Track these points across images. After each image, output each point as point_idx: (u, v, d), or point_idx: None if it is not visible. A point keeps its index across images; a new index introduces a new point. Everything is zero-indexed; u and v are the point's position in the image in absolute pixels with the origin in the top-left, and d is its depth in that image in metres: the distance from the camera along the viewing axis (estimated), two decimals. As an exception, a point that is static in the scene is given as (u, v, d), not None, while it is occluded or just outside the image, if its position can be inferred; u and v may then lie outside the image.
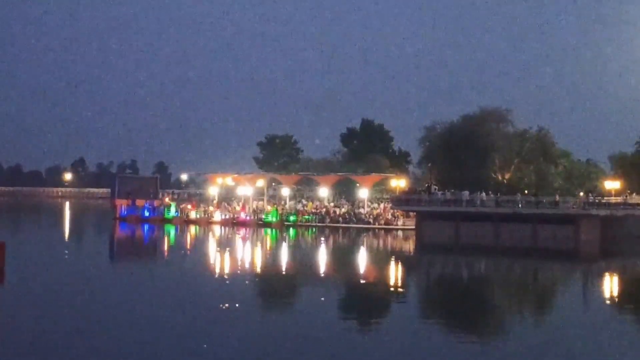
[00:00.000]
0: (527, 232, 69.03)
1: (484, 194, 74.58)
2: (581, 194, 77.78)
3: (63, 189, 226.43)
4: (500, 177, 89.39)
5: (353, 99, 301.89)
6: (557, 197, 72.11)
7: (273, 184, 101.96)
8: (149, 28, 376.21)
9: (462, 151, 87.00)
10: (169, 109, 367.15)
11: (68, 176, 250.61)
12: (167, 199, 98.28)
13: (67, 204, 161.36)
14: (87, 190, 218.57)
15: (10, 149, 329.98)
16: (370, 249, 63.38)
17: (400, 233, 77.33)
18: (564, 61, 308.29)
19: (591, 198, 71.95)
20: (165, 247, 64.04)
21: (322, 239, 70.12)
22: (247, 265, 48.13)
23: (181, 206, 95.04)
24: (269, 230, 78.82)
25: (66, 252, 55.89)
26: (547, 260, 58.82)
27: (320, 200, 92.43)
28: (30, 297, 32.33)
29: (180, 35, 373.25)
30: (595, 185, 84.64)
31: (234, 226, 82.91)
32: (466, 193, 75.37)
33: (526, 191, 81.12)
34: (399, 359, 22.91)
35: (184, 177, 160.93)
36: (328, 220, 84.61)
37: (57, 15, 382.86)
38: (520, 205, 71.82)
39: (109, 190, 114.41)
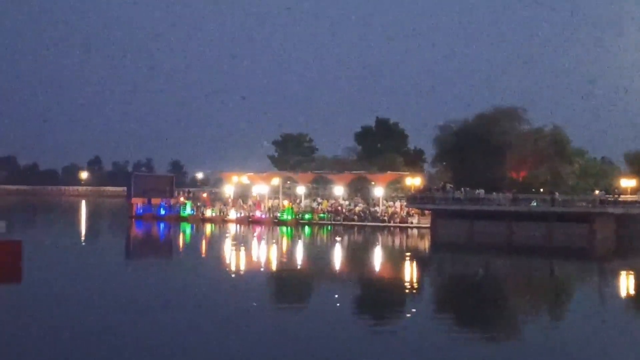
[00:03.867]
0: (542, 230, 69.11)
1: (501, 194, 74.60)
2: (596, 192, 77.71)
3: (79, 188, 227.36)
4: (515, 176, 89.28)
5: (368, 97, 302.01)
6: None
7: (288, 182, 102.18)
8: (163, 27, 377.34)
9: (476, 150, 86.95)
10: (184, 108, 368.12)
11: (84, 175, 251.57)
12: (181, 199, 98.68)
13: (83, 202, 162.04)
14: (103, 188, 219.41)
15: (26, 147, 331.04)
16: (385, 247, 63.52)
17: (415, 231, 77.47)
18: (579, 58, 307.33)
19: (606, 196, 71.87)
20: (181, 245, 64.38)
21: (337, 237, 70.31)
22: (262, 263, 48.41)
23: (198, 203, 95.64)
24: (284, 229, 79.09)
25: (83, 250, 56.34)
26: (561, 258, 58.79)
27: (335, 198, 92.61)
28: (47, 296, 32.54)
29: (195, 34, 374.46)
30: (610, 183, 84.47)
31: (249, 224, 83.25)
32: (481, 192, 75.50)
33: (541, 189, 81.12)
34: (414, 356, 23.05)
35: (200, 175, 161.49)
36: (343, 218, 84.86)
37: (70, 12, 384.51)
38: (534, 204, 71.86)
39: (124, 188, 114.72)
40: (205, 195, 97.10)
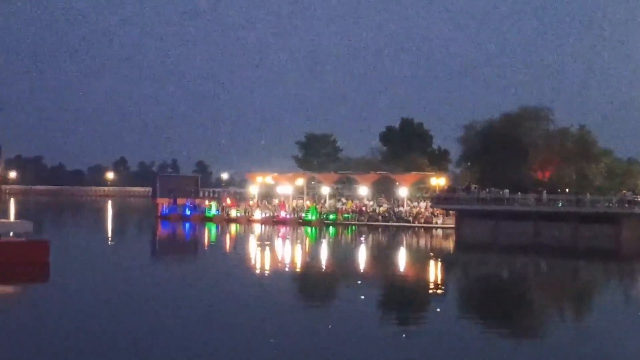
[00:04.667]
0: (568, 231, 68.78)
1: (531, 195, 74.41)
2: (623, 192, 77.18)
3: (105, 188, 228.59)
4: (540, 176, 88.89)
5: (392, 98, 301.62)
6: (589, 196, 71.66)
7: (312, 182, 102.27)
8: (187, 28, 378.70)
9: (501, 150, 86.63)
10: (209, 108, 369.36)
11: (110, 175, 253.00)
12: (207, 202, 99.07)
13: (109, 202, 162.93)
14: (128, 189, 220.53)
15: (53, 148, 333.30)
16: (409, 248, 63.44)
17: (439, 232, 77.33)
18: (605, 58, 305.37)
19: (633, 196, 71.38)
20: (207, 245, 64.64)
21: (362, 237, 70.31)
22: (287, 263, 48.54)
23: (223, 204, 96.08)
24: (308, 229, 79.19)
25: (109, 250, 56.72)
26: (587, 259, 58.47)
27: (360, 198, 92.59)
28: (74, 295, 32.77)
29: (220, 35, 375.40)
30: (636, 184, 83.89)
31: (274, 224, 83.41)
32: (506, 192, 75.25)
33: (567, 190, 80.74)
34: (439, 356, 23.06)
35: (225, 176, 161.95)
36: (367, 218, 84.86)
37: (92, 12, 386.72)
38: (560, 204, 71.54)
39: (150, 189, 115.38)
40: (229, 200, 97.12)
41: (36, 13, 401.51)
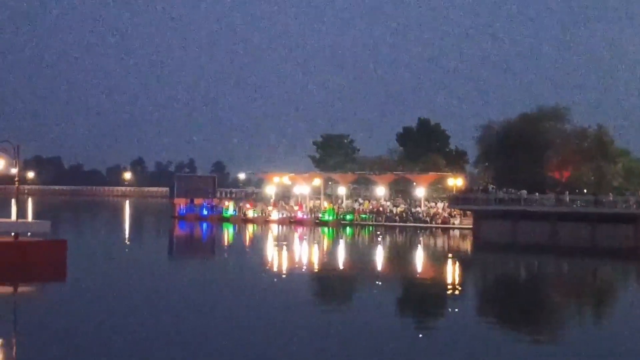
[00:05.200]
0: (586, 231, 68.39)
1: (552, 195, 74.09)
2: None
3: (123, 188, 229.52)
4: (558, 177, 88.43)
5: (409, 98, 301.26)
6: (612, 196, 71.23)
7: (329, 182, 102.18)
8: (207, 30, 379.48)
9: (519, 150, 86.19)
10: (226, 109, 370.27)
11: (127, 175, 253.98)
12: (226, 202, 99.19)
13: (127, 202, 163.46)
14: (146, 189, 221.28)
15: (71, 148, 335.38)
16: (427, 248, 63.26)
17: (457, 232, 77.12)
18: (621, 58, 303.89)
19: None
20: (224, 245, 64.70)
21: (379, 237, 70.19)
22: (304, 263, 48.50)
23: (239, 204, 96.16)
24: (325, 229, 79.15)
25: (126, 250, 56.87)
26: (606, 259, 58.16)
27: (377, 199, 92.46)
28: (91, 295, 32.83)
29: (237, 36, 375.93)
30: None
31: (291, 225, 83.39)
32: (524, 192, 74.92)
33: (585, 190, 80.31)
34: (457, 357, 22.95)
35: (242, 176, 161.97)
36: (384, 219, 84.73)
37: (109, 15, 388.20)
38: (578, 204, 71.17)
39: (167, 189, 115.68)
40: (249, 204, 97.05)
41: (60, 16, 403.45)
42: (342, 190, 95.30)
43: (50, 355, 21.69)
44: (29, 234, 43.73)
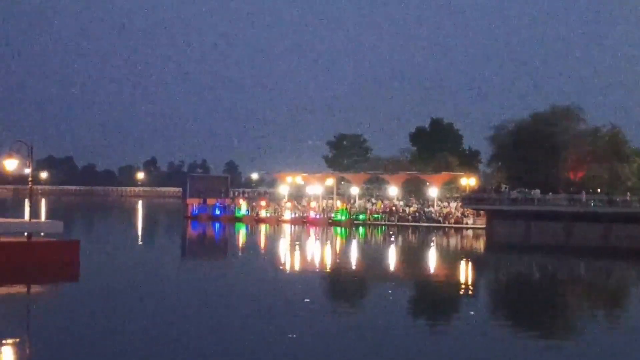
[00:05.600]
0: (600, 231, 68.09)
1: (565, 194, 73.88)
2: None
3: (136, 188, 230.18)
4: (572, 176, 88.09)
5: (422, 98, 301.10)
6: (629, 196, 70.90)
7: (342, 182, 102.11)
8: (222, 27, 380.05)
9: (532, 150, 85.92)
10: (239, 109, 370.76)
11: (140, 175, 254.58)
12: (240, 201, 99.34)
13: (140, 202, 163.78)
14: (158, 189, 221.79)
15: (84, 148, 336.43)
16: (439, 248, 63.08)
17: (470, 232, 76.91)
18: (636, 57, 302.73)
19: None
20: (237, 245, 64.67)
21: (392, 237, 70.06)
22: (317, 263, 48.42)
23: (253, 204, 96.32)
24: (338, 229, 79.08)
25: (139, 250, 56.90)
26: (620, 260, 57.84)
27: (390, 199, 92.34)
28: (104, 295, 32.81)
29: (252, 35, 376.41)
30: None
31: (304, 224, 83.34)
32: (537, 192, 74.66)
33: (599, 190, 79.96)
34: (469, 357, 22.84)
35: (255, 176, 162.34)
36: (397, 219, 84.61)
37: (122, 14, 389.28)
38: (592, 204, 70.86)
39: (180, 189, 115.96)
40: (263, 203, 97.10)
41: (74, 15, 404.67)
42: (354, 190, 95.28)
43: (63, 356, 21.72)
44: (42, 234, 43.85)
